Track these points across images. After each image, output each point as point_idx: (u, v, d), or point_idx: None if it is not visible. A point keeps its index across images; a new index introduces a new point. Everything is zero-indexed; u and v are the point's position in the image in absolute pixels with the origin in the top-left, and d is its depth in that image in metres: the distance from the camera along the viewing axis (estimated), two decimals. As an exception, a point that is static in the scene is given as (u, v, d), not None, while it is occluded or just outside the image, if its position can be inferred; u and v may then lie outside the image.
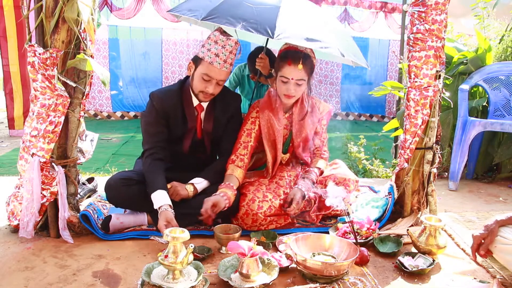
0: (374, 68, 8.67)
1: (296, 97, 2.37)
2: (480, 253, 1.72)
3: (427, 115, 2.29)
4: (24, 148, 2.06)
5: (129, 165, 4.18)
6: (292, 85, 2.29)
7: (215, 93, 2.26)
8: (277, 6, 2.36)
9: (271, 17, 2.26)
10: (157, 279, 1.63)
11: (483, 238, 1.71)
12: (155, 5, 7.08)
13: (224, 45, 2.16)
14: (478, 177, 3.61)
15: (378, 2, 8.06)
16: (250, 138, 2.41)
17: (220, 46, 2.16)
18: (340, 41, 2.40)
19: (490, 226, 1.72)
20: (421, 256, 1.95)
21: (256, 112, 2.45)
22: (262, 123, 2.42)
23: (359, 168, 4.06)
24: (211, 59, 2.15)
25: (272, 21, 2.23)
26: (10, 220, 2.18)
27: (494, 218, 1.74)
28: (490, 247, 1.71)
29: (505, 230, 1.70)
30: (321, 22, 2.49)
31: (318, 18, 2.53)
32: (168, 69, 8.00)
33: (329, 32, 2.42)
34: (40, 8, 1.95)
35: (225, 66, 2.18)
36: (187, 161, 2.41)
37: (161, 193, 2.10)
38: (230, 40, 2.18)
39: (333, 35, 2.41)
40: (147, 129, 2.30)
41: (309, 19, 2.46)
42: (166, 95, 2.30)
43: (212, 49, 2.16)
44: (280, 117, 2.43)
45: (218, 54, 2.15)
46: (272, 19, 2.24)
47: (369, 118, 8.85)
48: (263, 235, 2.16)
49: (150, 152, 2.24)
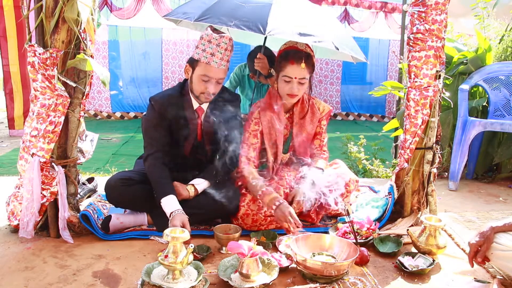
0: (374, 68, 8.67)
1: (299, 96, 2.38)
2: (477, 260, 1.72)
3: (427, 115, 2.29)
4: (24, 148, 2.06)
5: (129, 165, 4.17)
6: (295, 84, 2.31)
7: (216, 92, 2.26)
8: (269, 3, 2.39)
9: (263, 14, 2.29)
10: (157, 279, 1.63)
11: (480, 245, 1.71)
12: (155, 5, 7.08)
13: (218, 43, 2.15)
14: (478, 177, 3.61)
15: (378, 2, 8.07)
16: (257, 140, 2.42)
17: (214, 45, 2.15)
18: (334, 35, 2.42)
19: (485, 233, 1.71)
20: (421, 256, 1.95)
21: (258, 112, 2.45)
22: (264, 123, 2.42)
23: (359, 168, 4.06)
24: (208, 59, 2.15)
25: (264, 18, 2.26)
26: (10, 220, 2.18)
27: (489, 225, 1.73)
28: (487, 254, 1.71)
29: (500, 237, 1.69)
30: (314, 17, 2.51)
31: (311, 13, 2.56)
32: (168, 69, 8.00)
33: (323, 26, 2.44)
34: (40, 8, 1.95)
35: (223, 64, 2.18)
36: (188, 163, 2.41)
37: (172, 199, 2.10)
38: (224, 38, 2.16)
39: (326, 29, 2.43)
40: (150, 133, 2.29)
41: (301, 15, 2.48)
42: (166, 99, 2.29)
43: (207, 49, 2.15)
44: (281, 117, 2.43)
45: (214, 53, 2.15)
46: (264, 16, 2.27)
47: (369, 118, 8.85)
48: (263, 235, 2.16)
49: (155, 156, 2.23)
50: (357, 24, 8.20)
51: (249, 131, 2.42)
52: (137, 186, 2.24)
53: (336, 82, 8.68)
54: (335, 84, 8.71)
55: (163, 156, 2.25)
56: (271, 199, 2.13)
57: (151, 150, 2.25)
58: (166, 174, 2.20)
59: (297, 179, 2.40)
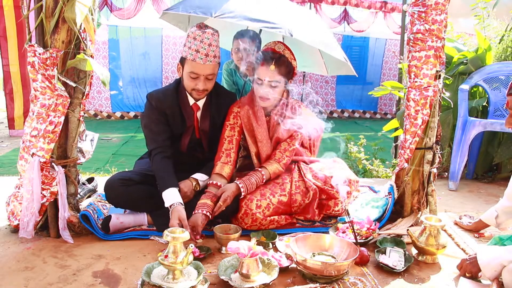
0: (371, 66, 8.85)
1: (272, 100, 2.30)
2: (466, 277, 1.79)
3: (427, 115, 2.29)
4: (24, 148, 2.06)
5: (129, 165, 4.17)
6: (265, 87, 2.25)
7: (207, 89, 2.27)
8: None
9: (224, 2, 2.36)
10: (157, 279, 1.63)
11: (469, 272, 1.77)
12: (155, 5, 7.09)
13: (201, 39, 2.16)
14: (478, 177, 3.61)
15: (378, 2, 8.08)
16: (233, 132, 2.40)
17: (198, 41, 2.16)
18: (301, 27, 2.43)
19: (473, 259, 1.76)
20: (392, 250, 1.97)
21: (238, 107, 2.43)
22: (243, 118, 2.40)
23: (359, 168, 4.06)
24: (193, 56, 2.17)
25: (221, 4, 2.32)
26: (10, 220, 2.18)
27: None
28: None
29: None
30: (280, 9, 2.55)
31: (281, 7, 2.60)
32: (168, 69, 8.00)
33: (287, 17, 2.45)
34: (40, 8, 1.95)
35: (208, 60, 2.18)
36: (185, 160, 2.41)
37: (172, 191, 2.11)
38: (206, 33, 2.17)
39: (292, 20, 2.44)
40: (151, 128, 2.31)
41: (263, 4, 2.50)
42: (163, 95, 2.32)
43: (192, 46, 2.17)
44: (260, 116, 2.38)
45: (198, 50, 2.16)
46: (222, 3, 2.34)
47: (362, 115, 9.21)
48: (263, 235, 2.16)
49: (158, 151, 2.25)
50: (356, 24, 8.22)
51: (227, 124, 2.41)
52: (137, 187, 2.24)
53: (332, 80, 8.79)
54: (330, 82, 8.83)
55: (167, 150, 2.27)
56: (200, 204, 2.15)
57: (154, 145, 2.28)
58: (168, 167, 2.21)
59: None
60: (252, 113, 2.39)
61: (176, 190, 2.13)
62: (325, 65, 3.10)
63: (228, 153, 2.35)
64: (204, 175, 2.33)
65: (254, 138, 2.42)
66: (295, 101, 2.45)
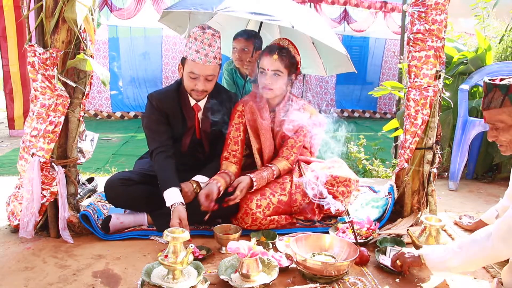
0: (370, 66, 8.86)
1: (275, 91, 2.33)
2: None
3: (427, 115, 2.29)
4: (24, 148, 2.06)
5: (129, 165, 4.17)
6: (269, 76, 2.29)
7: (207, 90, 2.27)
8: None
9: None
10: (157, 279, 1.63)
11: (408, 266, 1.78)
12: (155, 5, 7.08)
13: (202, 40, 2.17)
14: (478, 177, 3.61)
15: (378, 2, 8.08)
16: (239, 133, 2.42)
17: (198, 41, 2.17)
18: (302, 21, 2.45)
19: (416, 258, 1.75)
20: (392, 250, 1.97)
21: (242, 106, 2.45)
22: (247, 114, 2.42)
23: (359, 168, 4.06)
24: (193, 56, 2.18)
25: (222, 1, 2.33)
26: (10, 220, 2.18)
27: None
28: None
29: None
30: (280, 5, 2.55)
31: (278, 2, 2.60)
32: (168, 69, 7.99)
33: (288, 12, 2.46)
34: (40, 8, 1.95)
35: (208, 61, 2.18)
36: (186, 161, 2.41)
37: (174, 191, 2.11)
38: (207, 34, 2.18)
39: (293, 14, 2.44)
40: (152, 128, 2.31)
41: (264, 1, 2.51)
42: (164, 96, 2.33)
43: (192, 46, 2.18)
44: (264, 111, 2.40)
45: (198, 50, 2.17)
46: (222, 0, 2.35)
47: (362, 114, 9.24)
48: (263, 235, 2.16)
49: (160, 150, 2.25)
50: (356, 24, 8.22)
51: (232, 124, 2.43)
52: (137, 186, 2.24)
53: (331, 79, 8.80)
54: (330, 81, 8.85)
55: (169, 150, 2.27)
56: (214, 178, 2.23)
57: (155, 145, 2.27)
58: (170, 167, 2.21)
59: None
60: (257, 107, 2.41)
61: (177, 190, 2.13)
62: (323, 65, 3.09)
63: (235, 154, 2.39)
64: (205, 177, 2.32)
65: (257, 133, 2.43)
66: (299, 98, 2.48)
